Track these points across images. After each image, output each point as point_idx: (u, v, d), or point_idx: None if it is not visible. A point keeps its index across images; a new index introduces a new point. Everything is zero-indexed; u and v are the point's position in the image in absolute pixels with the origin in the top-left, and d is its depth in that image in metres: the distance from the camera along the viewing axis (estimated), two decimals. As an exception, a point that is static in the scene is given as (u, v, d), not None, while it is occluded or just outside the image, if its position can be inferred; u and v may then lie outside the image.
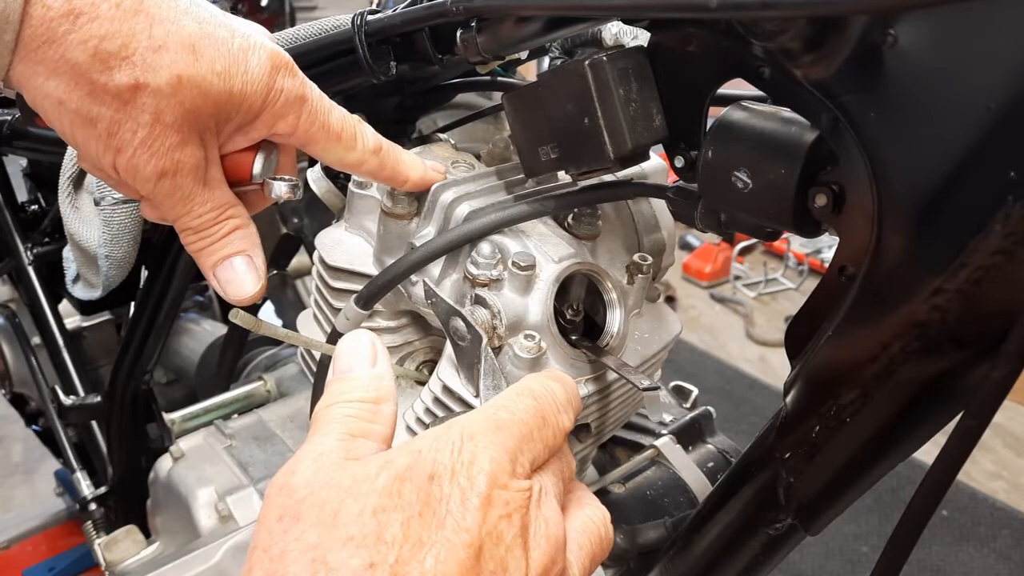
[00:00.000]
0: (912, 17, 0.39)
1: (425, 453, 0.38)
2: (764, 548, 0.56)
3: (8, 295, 1.62)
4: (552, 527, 0.40)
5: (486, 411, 0.42)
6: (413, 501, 0.37)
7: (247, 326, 0.57)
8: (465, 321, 0.56)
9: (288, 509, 0.37)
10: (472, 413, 0.42)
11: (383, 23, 0.61)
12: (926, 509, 0.46)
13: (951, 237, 0.40)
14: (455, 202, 0.62)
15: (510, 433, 0.41)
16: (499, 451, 0.39)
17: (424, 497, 0.37)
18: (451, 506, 0.37)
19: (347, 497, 0.37)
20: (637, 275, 0.64)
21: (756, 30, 0.45)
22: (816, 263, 3.49)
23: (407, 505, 0.37)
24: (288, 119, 0.52)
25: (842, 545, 2.06)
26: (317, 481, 0.38)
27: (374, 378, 0.44)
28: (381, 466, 0.38)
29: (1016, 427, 2.59)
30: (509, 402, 0.43)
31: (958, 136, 0.39)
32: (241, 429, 1.03)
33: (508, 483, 0.39)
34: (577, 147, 0.55)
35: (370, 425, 0.42)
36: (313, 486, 0.38)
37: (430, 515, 0.37)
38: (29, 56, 0.44)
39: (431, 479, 0.37)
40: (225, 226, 0.53)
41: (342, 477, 0.38)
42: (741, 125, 0.49)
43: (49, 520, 1.80)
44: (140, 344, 1.08)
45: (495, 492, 0.38)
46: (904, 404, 0.47)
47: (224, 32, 0.49)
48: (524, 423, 0.42)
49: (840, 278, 0.47)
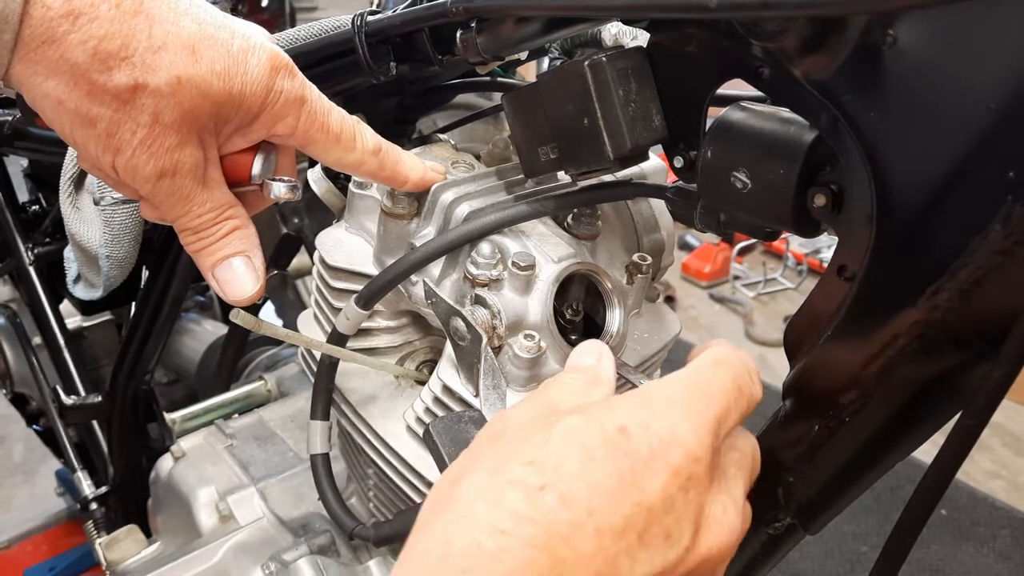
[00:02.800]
0: (912, 17, 0.39)
1: (619, 408, 0.40)
2: (763, 547, 0.56)
3: (9, 295, 1.62)
4: (731, 515, 0.41)
5: (685, 377, 0.43)
6: (596, 446, 0.38)
7: (247, 326, 0.57)
8: (465, 321, 0.56)
9: (496, 432, 0.42)
10: (670, 378, 0.43)
11: (383, 23, 0.61)
12: (925, 509, 0.46)
13: (951, 237, 0.40)
14: (455, 202, 0.62)
15: (709, 404, 0.41)
16: (698, 422, 0.40)
17: (609, 446, 0.38)
18: (635, 462, 0.38)
19: (539, 430, 0.40)
20: (636, 275, 0.64)
21: (756, 30, 0.45)
22: (815, 263, 3.49)
23: (589, 448, 0.38)
24: (287, 120, 0.52)
25: (842, 545, 2.06)
26: (523, 415, 0.43)
27: (595, 367, 0.48)
28: (574, 410, 0.41)
29: (1015, 427, 2.59)
30: (706, 370, 0.44)
31: (958, 136, 0.39)
32: (242, 429, 1.03)
33: (700, 457, 0.39)
34: (577, 147, 0.55)
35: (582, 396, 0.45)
36: (519, 419, 0.43)
37: (611, 464, 0.38)
38: (29, 56, 0.44)
39: (620, 431, 0.39)
40: (224, 226, 0.53)
41: (542, 416, 0.42)
42: (740, 125, 0.49)
43: (50, 520, 1.80)
44: (141, 344, 1.08)
45: (684, 464, 0.38)
46: (904, 404, 0.47)
47: (224, 33, 0.49)
48: (724, 393, 0.42)
49: (840, 278, 0.47)
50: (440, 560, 0.35)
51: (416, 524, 0.39)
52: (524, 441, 0.40)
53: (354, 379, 0.71)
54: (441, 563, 0.35)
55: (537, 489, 0.37)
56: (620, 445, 0.38)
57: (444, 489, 0.40)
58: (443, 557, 0.36)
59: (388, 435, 0.66)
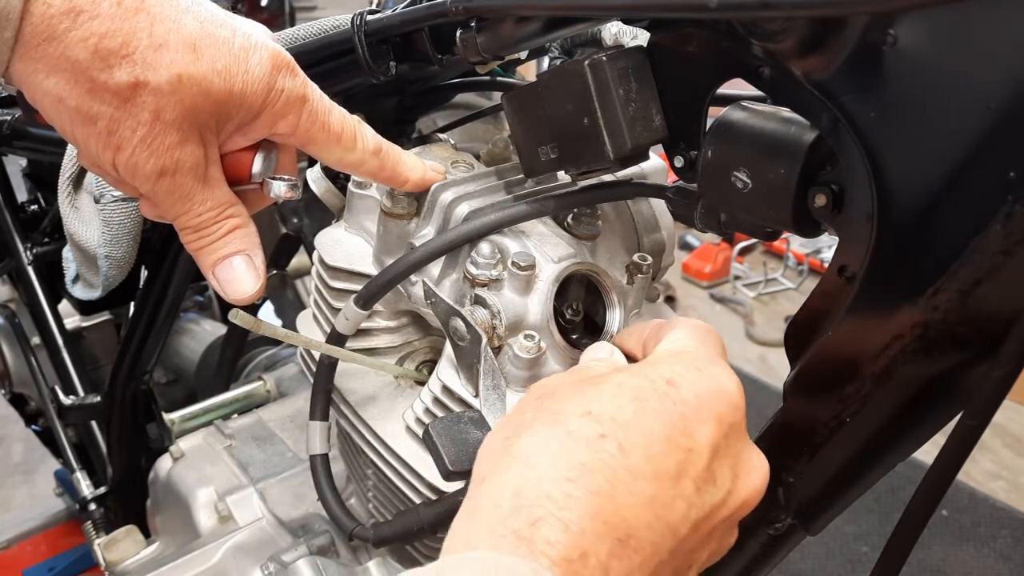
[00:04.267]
0: (912, 17, 0.39)
1: (664, 364, 0.44)
2: (764, 548, 0.56)
3: (8, 295, 1.62)
4: (760, 460, 0.44)
5: (700, 336, 0.48)
6: (648, 397, 0.41)
7: (247, 326, 0.57)
8: (465, 321, 0.55)
9: (543, 393, 0.45)
10: (687, 339, 0.48)
11: (383, 23, 0.61)
12: (926, 509, 0.46)
13: (951, 237, 0.40)
14: (455, 202, 0.62)
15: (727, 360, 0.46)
16: (732, 374, 0.44)
17: (660, 396, 0.41)
18: (685, 411, 0.41)
19: (589, 385, 0.43)
20: (637, 275, 0.64)
21: (756, 30, 0.45)
22: (816, 263, 3.49)
23: (642, 399, 0.41)
24: (288, 119, 0.52)
25: (842, 545, 2.06)
26: (564, 379, 0.46)
27: (611, 359, 0.52)
28: (620, 369, 0.45)
29: (1016, 427, 2.59)
30: (710, 333, 0.49)
31: (958, 136, 0.39)
32: (241, 429, 1.03)
33: (739, 405, 0.43)
34: (577, 147, 0.55)
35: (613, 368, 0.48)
36: (562, 381, 0.46)
37: (664, 413, 0.41)
38: (29, 53, 0.44)
39: (669, 383, 0.42)
40: (225, 225, 0.53)
41: (585, 378, 0.45)
42: (741, 125, 0.49)
43: (49, 520, 1.80)
44: (140, 344, 1.08)
45: (727, 412, 0.42)
46: (904, 404, 0.47)
47: (225, 31, 0.49)
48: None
49: (840, 278, 0.47)
50: (512, 512, 0.37)
51: (474, 480, 0.42)
52: (576, 395, 0.42)
53: (353, 379, 0.71)
54: (513, 515, 0.37)
55: (597, 438, 0.39)
56: (670, 395, 0.41)
57: (498, 446, 0.42)
58: (515, 509, 0.37)
59: (387, 436, 0.66)
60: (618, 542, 0.37)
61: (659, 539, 0.38)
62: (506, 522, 0.37)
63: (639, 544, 0.37)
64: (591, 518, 0.37)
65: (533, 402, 0.44)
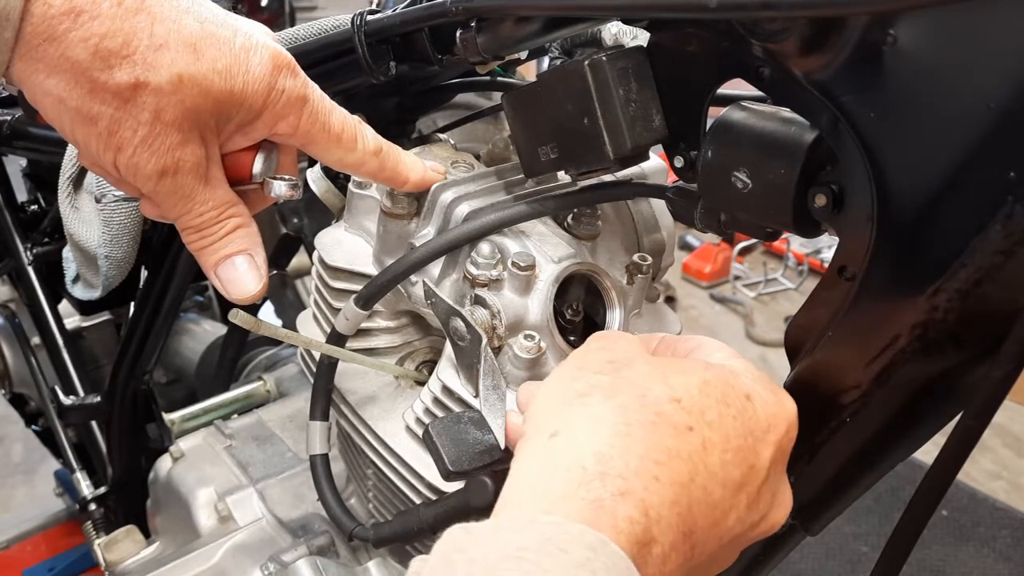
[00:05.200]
0: (912, 17, 0.39)
1: (742, 375, 0.43)
2: (764, 548, 0.56)
3: (8, 295, 1.61)
4: (789, 494, 0.45)
5: (746, 361, 0.47)
6: (731, 404, 0.41)
7: (247, 326, 0.57)
8: (465, 321, 0.55)
9: (618, 356, 0.44)
10: (734, 358, 0.46)
11: (383, 23, 0.61)
12: (926, 509, 0.46)
13: (951, 237, 0.40)
14: (455, 202, 0.62)
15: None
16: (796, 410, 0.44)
17: (739, 408, 0.41)
18: (755, 428, 0.41)
19: (678, 372, 0.42)
20: (637, 275, 0.64)
21: (756, 30, 0.45)
22: (816, 263, 3.49)
23: (726, 405, 0.41)
24: (289, 119, 0.52)
25: (842, 545, 2.06)
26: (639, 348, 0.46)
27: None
28: (708, 367, 0.43)
29: (1016, 427, 2.59)
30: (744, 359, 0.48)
31: (958, 136, 0.39)
32: (241, 429, 1.03)
33: (794, 437, 0.43)
34: (577, 147, 0.55)
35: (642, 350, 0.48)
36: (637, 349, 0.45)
37: (741, 425, 0.41)
38: (29, 53, 0.44)
39: (747, 398, 0.42)
40: (226, 225, 0.53)
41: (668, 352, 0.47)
42: (741, 125, 0.49)
43: (49, 520, 1.80)
44: (140, 344, 1.08)
45: (786, 440, 0.43)
46: (904, 404, 0.47)
47: (226, 31, 0.49)
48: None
49: (840, 278, 0.47)
50: (598, 477, 0.36)
51: (540, 428, 0.40)
52: (662, 378, 0.41)
53: (353, 379, 0.71)
54: (599, 480, 0.36)
55: (686, 429, 0.39)
56: (747, 411, 0.41)
57: (570, 400, 0.41)
58: (601, 475, 0.36)
59: (387, 436, 0.66)
60: (683, 536, 0.37)
61: (710, 542, 0.39)
62: (590, 486, 0.36)
63: (695, 542, 0.38)
64: (669, 506, 0.37)
65: (605, 364, 0.43)
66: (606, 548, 0.33)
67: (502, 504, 0.37)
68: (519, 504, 0.37)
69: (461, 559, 0.33)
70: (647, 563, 0.35)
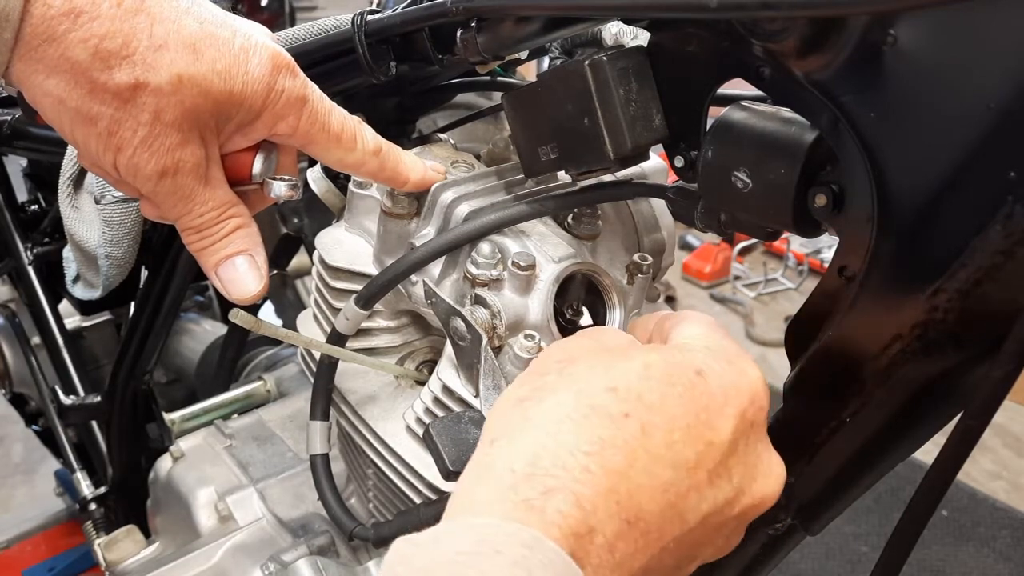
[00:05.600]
0: (912, 17, 0.39)
1: (693, 352, 0.43)
2: (764, 548, 0.56)
3: (8, 295, 1.61)
4: (777, 463, 0.44)
5: (717, 331, 0.47)
6: (676, 383, 0.40)
7: (247, 326, 0.57)
8: (465, 321, 0.56)
9: (564, 357, 0.43)
10: (706, 333, 0.47)
11: (383, 23, 0.61)
12: (926, 509, 0.46)
13: (951, 237, 0.40)
14: (455, 202, 0.62)
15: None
16: (763, 378, 0.43)
17: (688, 385, 0.41)
18: (710, 403, 0.40)
19: (617, 358, 0.42)
20: (637, 275, 0.64)
21: (756, 30, 0.45)
22: (816, 263, 3.49)
23: (670, 384, 0.40)
24: (288, 120, 0.52)
25: (842, 545, 2.06)
26: (586, 345, 0.45)
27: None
28: (647, 348, 0.43)
29: (1016, 427, 2.59)
30: (722, 329, 0.48)
31: (958, 136, 0.39)
32: (241, 429, 1.03)
33: (763, 406, 0.42)
34: (577, 147, 0.55)
35: (629, 340, 0.48)
36: (583, 348, 0.45)
37: (689, 402, 0.40)
38: (29, 54, 0.44)
39: (698, 373, 0.41)
40: (227, 225, 0.53)
41: (610, 348, 0.44)
42: (741, 125, 0.49)
43: (49, 520, 1.80)
44: (140, 344, 1.08)
45: (750, 410, 0.42)
46: (904, 404, 0.47)
47: (225, 32, 0.49)
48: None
49: (840, 278, 0.47)
50: (525, 479, 0.36)
51: (484, 439, 0.40)
52: (603, 368, 0.41)
53: (354, 379, 0.71)
54: (526, 482, 0.36)
55: (621, 416, 0.39)
56: (697, 386, 0.41)
57: (513, 407, 0.41)
58: (528, 476, 0.36)
59: (388, 435, 0.66)
60: (627, 523, 0.37)
61: (667, 526, 0.38)
62: (518, 488, 0.36)
63: (647, 527, 0.37)
64: (604, 495, 0.36)
65: (553, 365, 0.43)
66: (542, 545, 0.33)
67: (446, 513, 0.38)
68: (457, 513, 0.37)
69: (403, 571, 0.33)
70: (590, 553, 0.35)
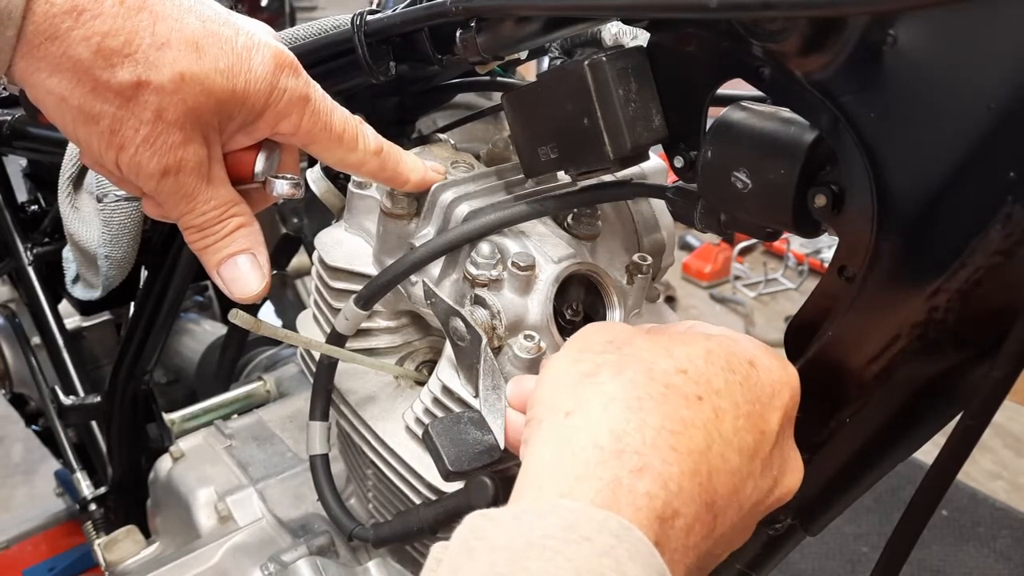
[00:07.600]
0: (912, 17, 0.39)
1: (742, 342, 0.43)
2: (764, 548, 0.56)
3: (8, 295, 1.61)
4: (799, 459, 0.45)
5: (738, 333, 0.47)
6: (736, 371, 0.41)
7: (247, 326, 0.57)
8: (465, 321, 0.56)
9: (615, 336, 0.43)
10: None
11: (383, 23, 0.61)
12: (926, 509, 0.46)
13: (951, 237, 0.40)
14: (455, 202, 0.62)
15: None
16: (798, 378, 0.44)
17: (745, 375, 0.41)
18: (761, 395, 0.41)
19: (680, 344, 0.42)
20: (637, 275, 0.64)
21: (756, 30, 0.45)
22: (816, 263, 3.49)
23: (732, 372, 0.41)
24: (291, 119, 0.52)
25: (842, 545, 2.06)
26: (638, 329, 0.45)
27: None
28: (708, 336, 0.43)
29: (1016, 427, 2.59)
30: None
31: (958, 136, 0.39)
32: (241, 429, 1.03)
33: (798, 403, 0.43)
34: (577, 147, 0.55)
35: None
36: (636, 331, 0.45)
37: (748, 391, 0.41)
38: (31, 52, 0.44)
39: (751, 364, 0.42)
40: (229, 224, 0.53)
41: (667, 330, 0.45)
42: (741, 125, 0.49)
43: (49, 520, 1.80)
44: (140, 344, 1.08)
45: (791, 405, 0.43)
46: (904, 404, 0.47)
47: (228, 30, 0.49)
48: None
49: (840, 278, 0.47)
50: (614, 456, 0.36)
51: (552, 409, 0.39)
52: (666, 351, 0.41)
53: (353, 380, 0.71)
54: (616, 459, 0.36)
55: (695, 398, 0.39)
56: (752, 377, 0.41)
57: (578, 380, 0.40)
58: (617, 453, 0.36)
59: (387, 436, 0.66)
60: (705, 506, 0.37)
61: (730, 511, 0.38)
62: (607, 464, 0.36)
63: (718, 511, 0.37)
64: (689, 476, 0.36)
65: (607, 344, 0.43)
66: (630, 534, 0.33)
67: (521, 487, 0.37)
68: (539, 487, 0.36)
69: (482, 546, 0.32)
70: (670, 537, 0.35)
